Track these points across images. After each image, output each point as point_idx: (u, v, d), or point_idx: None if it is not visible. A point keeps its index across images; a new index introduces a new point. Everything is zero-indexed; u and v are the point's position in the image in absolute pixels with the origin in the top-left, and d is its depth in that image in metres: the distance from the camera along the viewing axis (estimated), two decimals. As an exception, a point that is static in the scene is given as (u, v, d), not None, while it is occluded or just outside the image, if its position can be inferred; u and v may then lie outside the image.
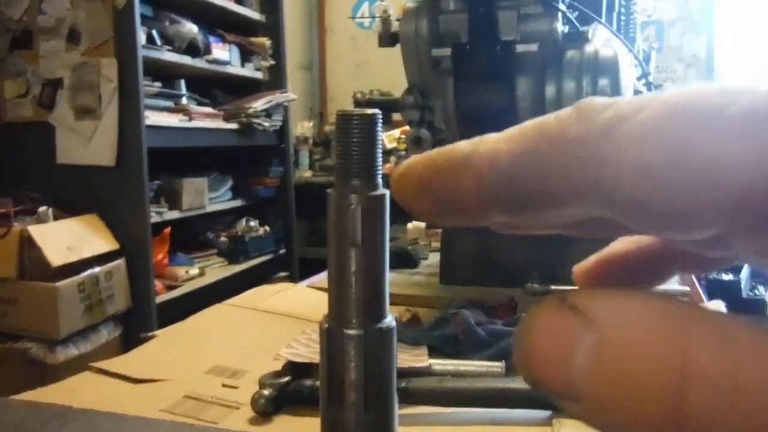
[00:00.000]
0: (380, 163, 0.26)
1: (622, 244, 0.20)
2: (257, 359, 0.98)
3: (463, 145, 0.17)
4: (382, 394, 0.27)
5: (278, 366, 0.94)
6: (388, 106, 1.61)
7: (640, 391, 0.12)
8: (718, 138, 0.13)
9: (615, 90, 1.30)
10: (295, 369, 0.91)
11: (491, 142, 0.16)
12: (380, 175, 0.26)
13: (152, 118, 2.41)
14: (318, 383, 0.85)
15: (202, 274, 2.79)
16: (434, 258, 1.77)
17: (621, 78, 1.30)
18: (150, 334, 1.12)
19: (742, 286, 3.28)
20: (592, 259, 0.21)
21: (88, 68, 2.28)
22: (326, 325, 0.27)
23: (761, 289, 3.50)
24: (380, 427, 0.27)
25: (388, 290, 0.27)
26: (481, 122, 1.36)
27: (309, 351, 1.01)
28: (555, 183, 0.15)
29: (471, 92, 1.32)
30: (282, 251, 3.36)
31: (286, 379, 0.88)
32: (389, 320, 0.27)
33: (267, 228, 3.27)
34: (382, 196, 0.26)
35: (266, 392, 0.86)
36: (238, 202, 3.16)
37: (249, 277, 2.89)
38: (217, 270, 2.91)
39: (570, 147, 0.14)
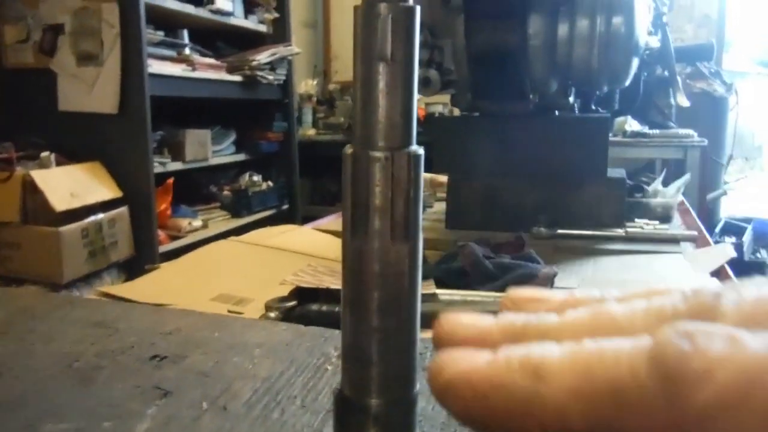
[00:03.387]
0: (411, -30, 0.25)
1: None
2: (263, 289, 0.98)
3: (518, 381, 0.14)
4: (409, 223, 0.26)
5: (284, 292, 0.93)
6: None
7: None
8: None
9: (629, 30, 1.27)
10: (301, 294, 0.90)
11: (556, 391, 0.14)
12: (411, -16, 0.25)
13: (155, 66, 2.38)
14: (324, 308, 0.83)
15: (205, 226, 2.78)
16: (439, 207, 1.76)
17: (636, 17, 1.27)
18: (154, 265, 1.12)
19: (745, 249, 3.28)
20: None
21: (89, 13, 2.24)
22: (351, 150, 0.26)
23: (763, 252, 3.50)
24: (405, 257, 0.26)
25: (416, 113, 0.26)
26: (492, 62, 1.33)
27: (315, 279, 1.00)
28: None
29: (482, 30, 1.30)
30: (285, 207, 3.35)
31: (292, 303, 0.88)
32: (417, 147, 0.26)
33: (270, 183, 3.25)
34: (413, 8, 0.25)
35: (272, 314, 0.86)
36: (241, 156, 3.14)
37: (252, 231, 2.88)
38: (220, 223, 2.90)
39: (661, 430, 0.12)
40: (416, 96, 0.26)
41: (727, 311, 0.14)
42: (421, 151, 0.26)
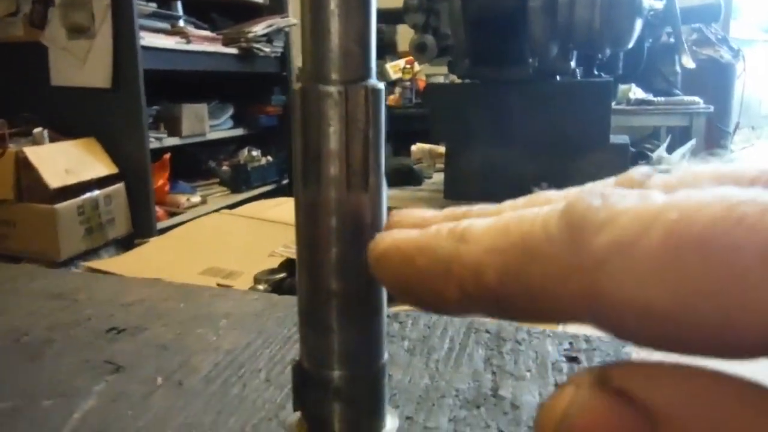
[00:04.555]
0: None
1: None
2: (254, 261, 0.95)
3: (442, 244, 0.15)
4: (368, 170, 0.22)
5: (275, 264, 0.91)
6: (393, 16, 1.53)
7: None
8: (743, 281, 0.11)
9: (632, -10, 1.22)
10: (291, 266, 0.88)
11: (474, 249, 0.15)
12: None
13: (148, 39, 2.32)
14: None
15: (204, 202, 2.75)
16: (438, 177, 1.73)
17: (639, -23, 1.22)
18: (144, 239, 1.09)
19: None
20: None
21: (79, -16, 2.18)
22: (299, 85, 0.22)
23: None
24: (365, 209, 0.23)
25: (375, 39, 0.22)
26: (490, 25, 1.28)
27: (306, 251, 0.97)
28: (546, 307, 0.14)
29: (479, -8, 1.24)
30: (285, 182, 3.31)
31: (282, 275, 0.86)
32: (376, 81, 0.22)
33: (269, 158, 3.21)
34: None
35: (261, 287, 0.83)
36: (239, 131, 3.09)
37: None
38: (219, 198, 2.87)
39: (563, 276, 0.13)
40: (374, 19, 0.22)
41: (653, 182, 0.14)
42: (381, 85, 0.22)
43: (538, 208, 0.14)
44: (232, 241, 1.07)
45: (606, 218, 0.12)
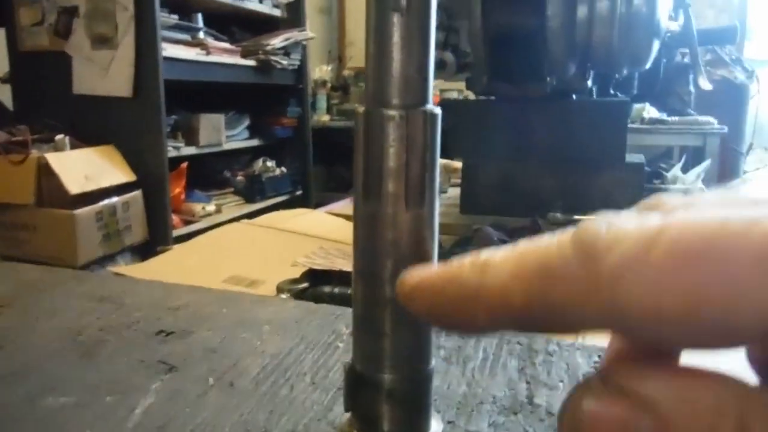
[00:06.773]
0: None
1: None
2: (275, 271, 0.97)
3: (468, 275, 0.17)
4: (424, 188, 0.24)
5: (297, 274, 0.92)
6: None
7: None
8: (738, 282, 0.13)
9: (650, 10, 1.24)
10: (313, 276, 0.89)
11: (498, 276, 0.16)
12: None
13: (169, 50, 2.37)
14: (336, 290, 0.82)
15: (218, 211, 2.78)
16: (454, 192, 1.74)
17: (658, -2, 1.23)
18: (167, 247, 1.11)
19: None
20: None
21: (103, -5, 2.23)
22: (363, 108, 0.24)
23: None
24: (420, 224, 0.25)
25: (432, 69, 0.24)
26: (509, 43, 1.30)
27: (327, 261, 0.99)
28: (570, 321, 0.15)
29: (499, 11, 1.27)
30: (299, 193, 3.34)
31: (304, 285, 0.87)
32: (433, 106, 0.24)
33: (284, 169, 3.24)
34: (431, -47, 0.23)
35: (284, 296, 0.85)
36: (255, 142, 3.13)
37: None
38: (233, 208, 2.90)
39: (583, 294, 0.14)
40: (433, 50, 0.24)
41: (663, 206, 0.16)
42: (437, 110, 0.24)
43: (549, 237, 0.16)
44: (253, 251, 1.09)
45: (613, 239, 0.14)
